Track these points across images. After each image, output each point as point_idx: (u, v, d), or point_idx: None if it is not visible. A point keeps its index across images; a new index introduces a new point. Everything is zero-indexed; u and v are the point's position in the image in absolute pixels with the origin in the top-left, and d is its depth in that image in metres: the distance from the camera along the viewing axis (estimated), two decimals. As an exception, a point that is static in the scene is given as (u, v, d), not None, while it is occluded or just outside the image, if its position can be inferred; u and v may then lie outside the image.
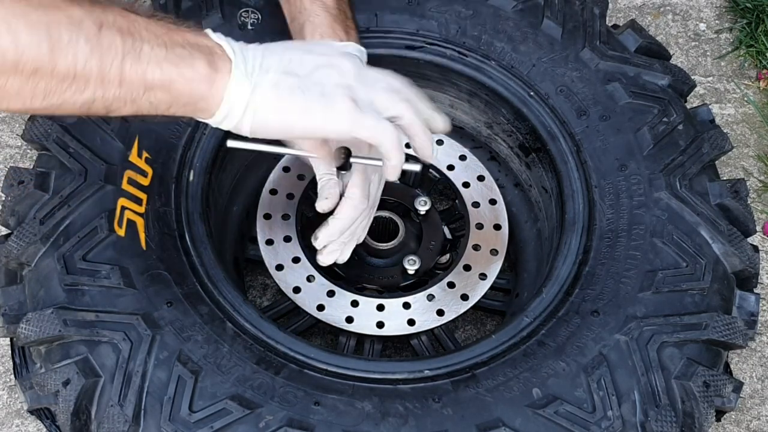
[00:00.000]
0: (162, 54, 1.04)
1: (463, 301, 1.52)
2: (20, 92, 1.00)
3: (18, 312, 1.32)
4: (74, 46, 0.99)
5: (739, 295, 1.41)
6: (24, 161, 1.77)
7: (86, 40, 0.99)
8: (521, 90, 1.55)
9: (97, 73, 1.01)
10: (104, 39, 1.01)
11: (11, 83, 0.99)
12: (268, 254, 1.55)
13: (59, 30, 0.98)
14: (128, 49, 1.02)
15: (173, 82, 1.06)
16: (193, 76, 1.07)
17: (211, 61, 1.08)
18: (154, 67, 1.04)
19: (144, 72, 1.04)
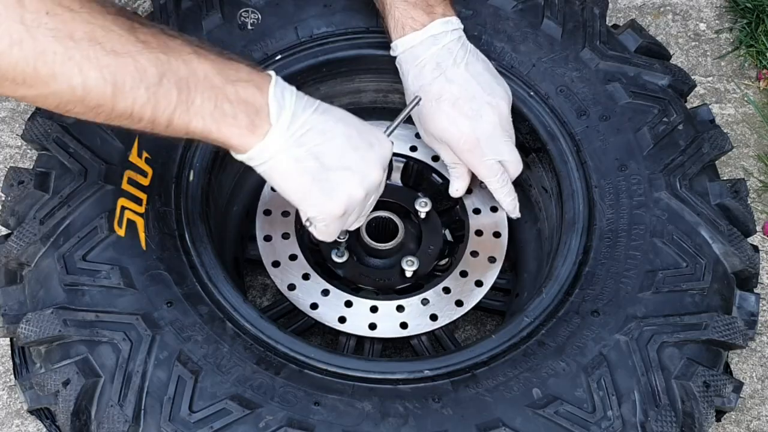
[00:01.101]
0: (209, 109, 1.17)
1: (458, 307, 1.52)
2: (84, 115, 1.15)
3: (18, 312, 1.32)
4: (134, 93, 1.12)
5: (739, 295, 1.41)
6: (24, 161, 1.77)
7: (146, 88, 1.13)
8: (521, 90, 1.55)
9: (149, 117, 1.15)
10: (162, 89, 1.14)
11: (77, 109, 1.13)
12: (265, 250, 1.55)
13: (124, 77, 1.11)
14: (181, 101, 1.15)
15: (211, 132, 1.19)
16: (229, 132, 1.19)
17: (252, 122, 1.20)
18: (199, 119, 1.17)
19: (189, 122, 1.17)
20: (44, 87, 1.09)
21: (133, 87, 1.12)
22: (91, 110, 1.13)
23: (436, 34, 1.46)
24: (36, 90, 1.10)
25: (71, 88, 1.10)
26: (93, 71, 1.09)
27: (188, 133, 1.18)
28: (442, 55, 1.46)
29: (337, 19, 1.59)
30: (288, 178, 1.24)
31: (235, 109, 1.18)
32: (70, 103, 1.12)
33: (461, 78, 1.46)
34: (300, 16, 1.59)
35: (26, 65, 1.07)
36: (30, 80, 1.08)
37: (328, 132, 1.23)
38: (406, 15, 1.46)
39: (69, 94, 1.10)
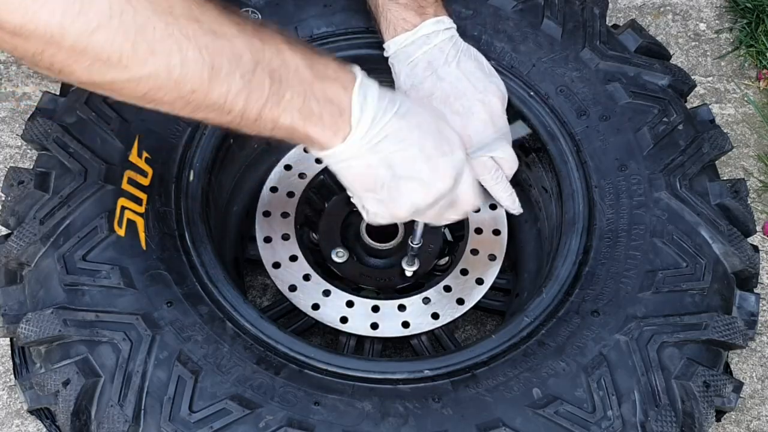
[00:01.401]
0: (298, 104, 1.13)
1: (459, 305, 1.52)
2: (173, 103, 1.08)
3: (18, 312, 1.32)
4: (230, 79, 1.07)
5: (739, 295, 1.41)
6: (24, 161, 1.77)
7: (241, 75, 1.07)
8: (521, 90, 1.55)
9: (241, 107, 1.10)
10: (256, 78, 1.08)
11: (168, 96, 1.06)
12: (265, 251, 1.55)
13: (221, 60, 1.05)
14: (273, 93, 1.10)
15: (296, 130, 1.15)
16: (314, 131, 1.16)
17: (335, 123, 1.17)
18: (288, 115, 1.13)
19: (278, 116, 1.12)
20: (140, 67, 1.01)
21: (229, 73, 1.06)
22: (182, 98, 1.06)
23: (428, 33, 1.47)
24: (130, 72, 1.01)
25: (168, 69, 1.02)
26: (192, 51, 1.02)
27: (275, 128, 1.14)
28: (434, 54, 1.47)
29: (337, 19, 1.59)
30: (358, 180, 1.22)
31: (322, 108, 1.15)
32: (163, 88, 1.04)
33: (452, 76, 1.47)
34: (300, 16, 1.59)
35: (125, 41, 0.98)
36: (126, 59, 0.99)
37: (404, 141, 1.21)
38: (397, 16, 1.48)
39: (164, 77, 1.03)
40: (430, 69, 1.47)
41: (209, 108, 1.08)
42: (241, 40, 1.07)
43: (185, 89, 1.05)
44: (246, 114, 1.10)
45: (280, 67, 1.11)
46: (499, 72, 1.53)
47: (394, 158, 1.21)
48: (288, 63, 1.12)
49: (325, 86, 1.15)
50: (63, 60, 0.99)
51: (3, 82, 1.88)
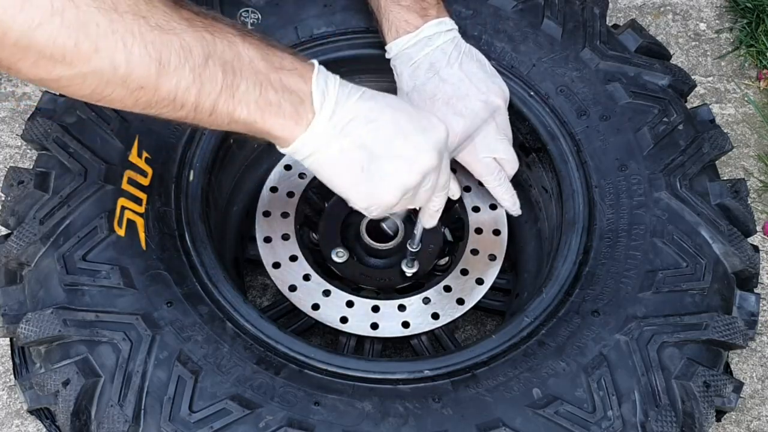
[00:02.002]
0: (254, 96, 1.11)
1: (459, 305, 1.52)
2: (122, 101, 1.07)
3: (18, 312, 1.32)
4: (179, 73, 1.05)
5: (739, 295, 1.41)
6: (24, 161, 1.77)
7: (191, 69, 1.06)
8: (521, 90, 1.55)
9: (193, 101, 1.08)
10: (207, 71, 1.07)
11: (116, 93, 1.05)
12: (265, 252, 1.55)
13: (169, 54, 1.04)
14: (226, 86, 1.09)
15: (255, 123, 1.13)
16: (273, 123, 1.13)
17: (296, 111, 1.14)
18: (243, 107, 1.11)
19: (233, 110, 1.11)
20: (84, 64, 1.01)
21: (178, 67, 1.05)
22: (131, 94, 1.05)
23: (430, 35, 1.47)
24: (75, 68, 1.01)
25: (114, 65, 1.02)
26: (137, 47, 1.02)
27: (231, 122, 1.12)
28: (436, 55, 1.47)
29: (337, 19, 1.59)
30: (335, 171, 1.19)
31: (280, 98, 1.12)
32: (110, 84, 1.04)
33: (455, 77, 1.47)
34: (300, 16, 1.59)
35: (67, 38, 0.98)
36: (70, 56, 1.00)
37: (375, 120, 1.18)
38: (399, 18, 1.47)
39: (110, 73, 1.02)
40: (433, 71, 1.47)
41: (160, 104, 1.07)
42: (190, 35, 1.06)
43: (133, 85, 1.04)
44: (199, 108, 1.09)
45: (233, 60, 1.09)
46: (499, 72, 1.53)
47: (368, 139, 1.17)
48: (241, 55, 1.11)
49: (282, 76, 1.13)
50: (8, 57, 1.00)
51: (3, 82, 1.88)
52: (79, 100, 1.10)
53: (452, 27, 1.49)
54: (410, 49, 1.48)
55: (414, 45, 1.47)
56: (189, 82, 1.06)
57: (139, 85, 1.04)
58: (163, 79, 1.05)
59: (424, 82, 1.47)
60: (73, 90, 1.06)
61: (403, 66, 1.49)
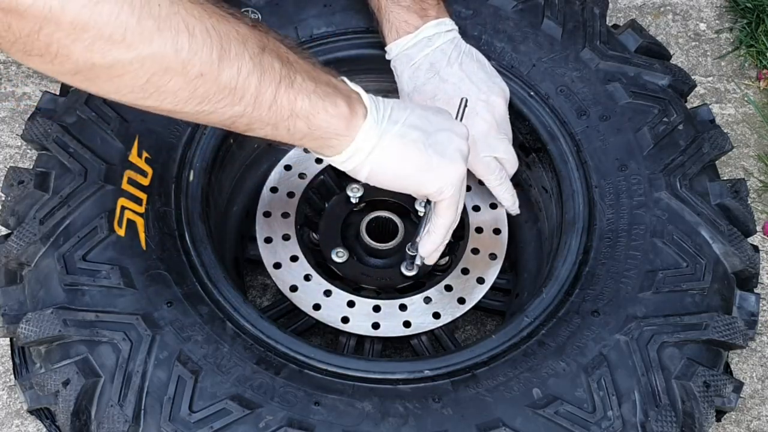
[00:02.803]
0: (311, 87, 1.08)
1: (460, 304, 1.52)
2: (178, 93, 1.00)
3: (18, 312, 1.32)
4: (239, 60, 1.01)
5: (739, 295, 1.41)
6: (24, 161, 1.77)
7: (250, 57, 1.02)
8: (521, 90, 1.55)
9: (254, 90, 1.03)
10: (265, 60, 1.03)
11: (173, 83, 0.98)
12: (266, 252, 1.55)
13: (229, 40, 1.00)
14: (284, 75, 1.06)
15: (316, 115, 1.09)
16: (334, 113, 1.11)
17: (350, 104, 1.13)
18: (304, 97, 1.08)
19: (294, 99, 1.07)
20: (146, 46, 0.93)
21: (238, 53, 1.00)
22: (190, 83, 0.99)
23: (430, 36, 1.47)
24: (134, 51, 0.93)
25: (176, 48, 0.95)
26: (199, 30, 0.97)
27: (292, 115, 1.07)
28: (436, 56, 1.47)
29: (337, 19, 1.59)
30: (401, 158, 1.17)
31: (333, 90, 1.10)
32: (169, 72, 0.97)
33: (455, 77, 1.47)
34: (300, 16, 1.59)
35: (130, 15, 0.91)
36: (131, 36, 0.92)
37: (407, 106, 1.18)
38: (399, 19, 1.48)
39: (172, 57, 0.95)
40: (433, 71, 1.47)
41: (219, 95, 1.02)
42: (244, 26, 1.04)
43: (193, 72, 0.98)
44: (260, 98, 1.04)
45: (284, 53, 1.07)
46: (499, 72, 1.53)
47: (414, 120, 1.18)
48: (290, 52, 1.09)
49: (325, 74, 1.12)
50: (62, 38, 0.92)
51: (3, 82, 1.88)
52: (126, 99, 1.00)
53: (452, 27, 1.50)
54: (410, 50, 1.48)
55: (414, 46, 1.48)
56: (249, 70, 1.01)
57: (199, 72, 0.98)
58: (224, 65, 0.99)
59: (424, 82, 1.47)
60: (127, 80, 0.97)
61: (404, 67, 1.49)
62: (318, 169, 1.64)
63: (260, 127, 1.08)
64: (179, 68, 0.97)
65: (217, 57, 0.99)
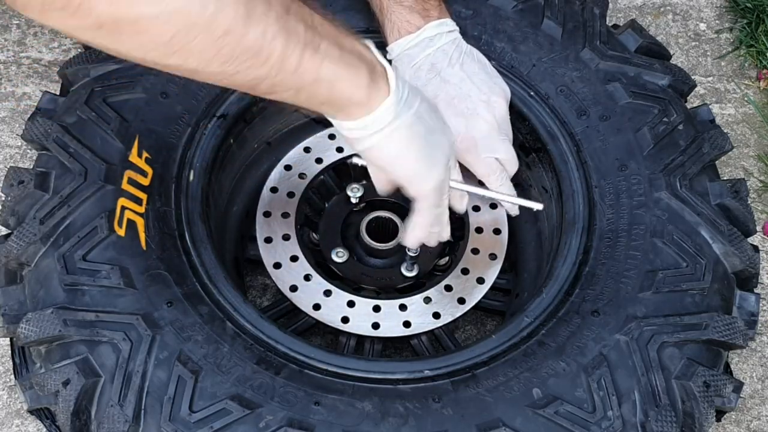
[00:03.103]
0: (336, 54, 1.06)
1: (460, 304, 1.52)
2: (203, 52, 0.97)
3: (18, 312, 1.32)
4: (265, 20, 0.97)
5: (739, 295, 1.41)
6: (24, 161, 1.77)
7: (276, 18, 0.98)
8: (521, 90, 1.55)
9: (279, 53, 1.00)
10: (291, 23, 1.00)
11: (198, 41, 0.95)
12: (266, 252, 1.55)
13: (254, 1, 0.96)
14: (309, 40, 1.02)
15: (339, 82, 1.07)
16: (358, 83, 1.09)
17: (373, 75, 1.11)
18: (328, 63, 1.05)
19: (320, 65, 1.04)
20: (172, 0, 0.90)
21: (264, 13, 0.96)
22: (215, 42, 0.95)
23: (431, 36, 1.47)
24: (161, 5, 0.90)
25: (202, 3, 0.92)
26: None
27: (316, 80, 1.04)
28: (438, 56, 1.47)
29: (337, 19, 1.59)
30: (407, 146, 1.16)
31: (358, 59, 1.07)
32: (195, 28, 0.93)
33: (456, 78, 1.47)
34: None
35: None
36: None
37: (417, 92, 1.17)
38: (401, 19, 1.48)
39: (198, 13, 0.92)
40: (434, 71, 1.47)
41: (244, 55, 0.98)
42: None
43: (218, 31, 0.95)
44: (285, 62, 1.01)
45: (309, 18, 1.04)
46: (499, 72, 1.53)
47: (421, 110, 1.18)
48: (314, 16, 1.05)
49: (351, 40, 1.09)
50: None
51: (3, 82, 1.88)
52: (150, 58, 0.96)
53: (454, 28, 1.50)
54: (412, 50, 1.48)
55: (415, 46, 1.48)
56: (275, 31, 0.98)
57: (225, 29, 0.95)
58: (250, 23, 0.96)
59: (425, 83, 1.47)
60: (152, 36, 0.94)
61: (405, 67, 1.49)
62: (318, 169, 1.64)
63: (283, 90, 1.05)
64: (205, 25, 0.94)
65: (243, 15, 0.95)
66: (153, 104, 1.46)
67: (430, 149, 1.20)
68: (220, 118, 1.49)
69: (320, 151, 1.65)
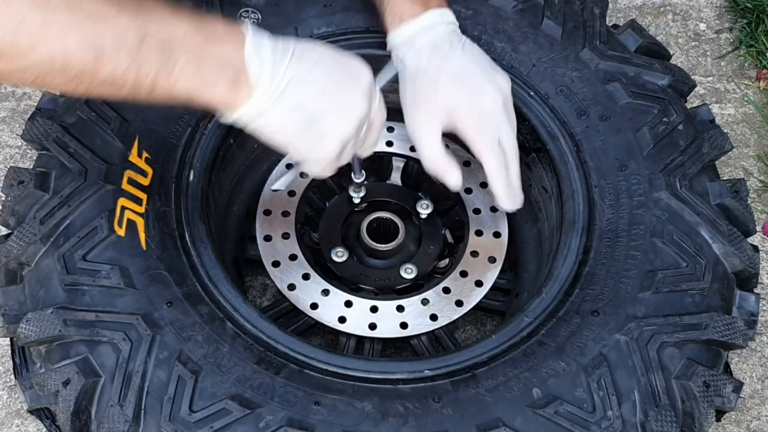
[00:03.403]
0: (191, 71, 1.14)
1: (458, 307, 1.52)
2: (63, 87, 1.13)
3: (18, 312, 1.32)
4: (116, 58, 1.10)
5: (739, 295, 1.41)
6: (24, 161, 1.77)
7: (127, 52, 1.10)
8: (521, 90, 1.55)
9: (132, 82, 1.12)
10: (142, 54, 1.11)
11: (57, 81, 1.10)
12: (265, 250, 1.55)
13: (104, 41, 1.09)
14: (163, 64, 1.13)
15: (194, 96, 1.16)
16: (212, 94, 1.17)
17: (233, 84, 1.18)
18: (182, 84, 1.15)
19: (173, 85, 1.14)
20: (22, 59, 1.06)
21: (113, 52, 1.09)
22: (71, 80, 1.10)
23: (432, 24, 1.47)
24: (14, 63, 1.07)
25: (51, 57, 1.07)
26: (73, 38, 1.07)
27: (171, 97, 1.16)
28: (439, 40, 1.47)
29: (337, 19, 1.59)
30: (278, 133, 1.23)
31: (217, 72, 1.16)
32: (50, 74, 1.09)
33: (459, 58, 1.46)
34: (300, 16, 1.59)
35: (3, 36, 1.04)
36: (8, 53, 1.05)
37: (308, 79, 1.22)
38: (402, 8, 1.48)
39: (49, 65, 1.08)
40: (436, 52, 1.46)
41: (100, 87, 1.12)
42: (123, 20, 1.10)
43: (72, 73, 1.09)
44: (139, 88, 1.13)
45: (167, 39, 1.13)
46: (499, 71, 1.53)
47: (304, 99, 1.21)
48: (175, 33, 1.14)
49: (217, 49, 1.17)
50: None
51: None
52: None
53: (453, 20, 1.50)
54: (413, 36, 1.48)
55: (416, 32, 1.47)
56: (126, 66, 1.10)
57: (78, 71, 1.09)
58: (100, 66, 1.09)
59: (427, 64, 1.45)
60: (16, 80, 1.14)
61: (405, 52, 1.47)
62: (318, 169, 1.64)
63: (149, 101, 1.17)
64: (59, 71, 1.08)
65: (92, 60, 1.08)
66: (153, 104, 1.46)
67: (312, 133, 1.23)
68: (220, 118, 1.49)
69: (321, 151, 1.65)
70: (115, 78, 1.11)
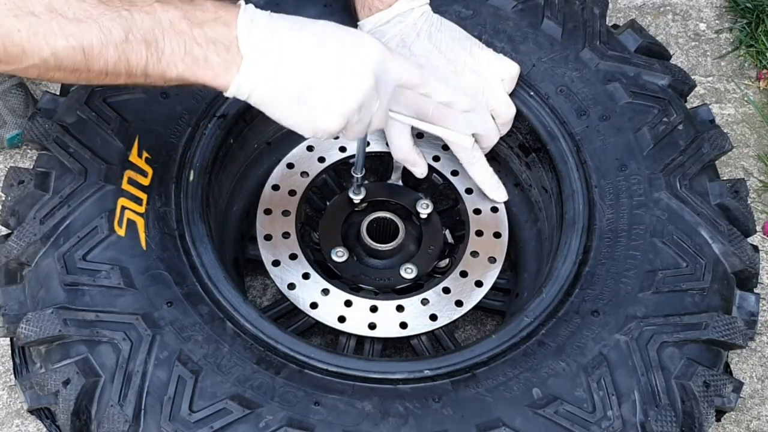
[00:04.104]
0: (180, 55, 1.19)
1: (457, 307, 1.52)
2: (65, 79, 1.19)
3: (18, 312, 1.32)
4: (105, 54, 1.16)
5: (739, 295, 1.41)
6: (24, 161, 1.77)
7: (114, 48, 1.16)
8: (521, 90, 1.55)
9: (125, 72, 1.18)
10: (129, 46, 1.16)
11: (58, 76, 1.18)
12: (265, 249, 1.55)
13: (90, 41, 1.15)
14: (151, 54, 1.18)
15: (187, 77, 1.20)
16: (204, 75, 1.20)
17: (224, 60, 1.20)
18: (172, 68, 1.19)
19: (164, 71, 1.19)
20: (18, 63, 1.14)
21: (101, 49, 1.15)
22: (71, 74, 1.17)
23: (402, 12, 1.48)
24: (12, 66, 1.15)
25: (44, 60, 1.14)
26: (60, 41, 1.13)
27: (166, 81, 1.20)
28: (407, 31, 1.48)
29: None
30: (276, 106, 1.23)
31: (206, 52, 1.19)
32: (50, 71, 1.16)
33: (424, 49, 1.48)
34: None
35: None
36: (4, 60, 1.14)
37: (306, 52, 1.20)
38: None
39: (44, 65, 1.15)
40: (403, 46, 1.48)
41: (98, 78, 1.18)
42: (107, 17, 1.15)
43: (68, 70, 1.16)
44: (133, 76, 1.19)
45: (153, 28, 1.17)
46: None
47: (302, 73, 1.20)
48: (161, 21, 1.17)
49: (206, 30, 1.19)
50: None
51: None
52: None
53: (424, 3, 1.50)
54: (383, 27, 1.49)
55: (387, 22, 1.49)
56: (116, 59, 1.16)
57: (72, 68, 1.16)
58: (91, 62, 1.15)
59: None
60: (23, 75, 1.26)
61: None
62: (320, 168, 1.64)
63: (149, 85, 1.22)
64: (56, 69, 1.16)
65: (83, 58, 1.15)
66: (153, 104, 1.47)
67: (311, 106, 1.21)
68: (220, 118, 1.49)
69: (323, 150, 1.65)
70: (108, 70, 1.17)
